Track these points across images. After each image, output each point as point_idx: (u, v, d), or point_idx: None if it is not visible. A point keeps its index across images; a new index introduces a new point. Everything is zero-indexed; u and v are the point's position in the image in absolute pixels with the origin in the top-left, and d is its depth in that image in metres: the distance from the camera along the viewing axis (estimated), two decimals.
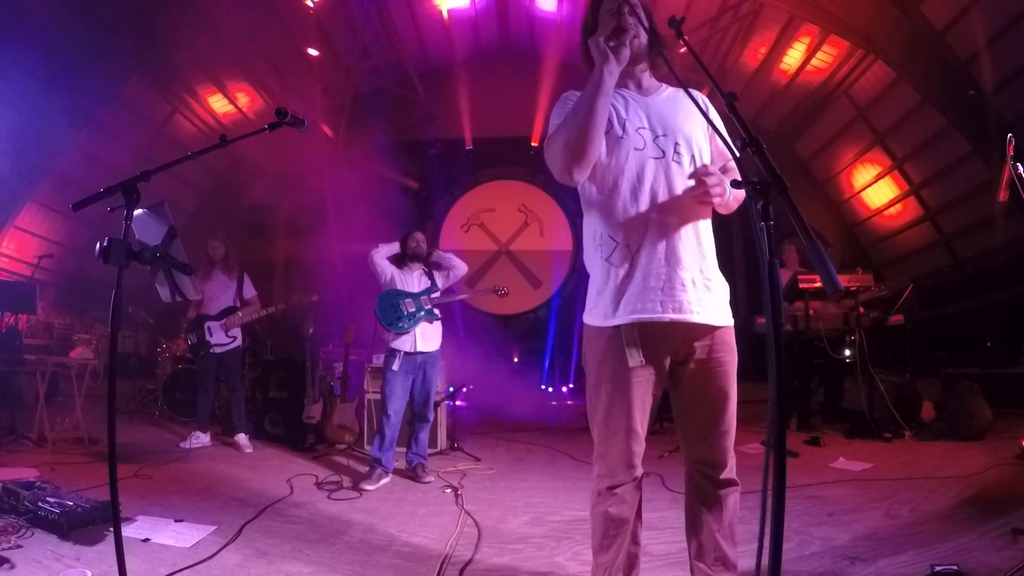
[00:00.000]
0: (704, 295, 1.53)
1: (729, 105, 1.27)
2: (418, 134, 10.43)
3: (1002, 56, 6.50)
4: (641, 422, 1.55)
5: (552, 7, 9.23)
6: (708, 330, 1.54)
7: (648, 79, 1.67)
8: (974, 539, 2.36)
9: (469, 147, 10.28)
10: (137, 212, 1.65)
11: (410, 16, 9.16)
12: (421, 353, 3.94)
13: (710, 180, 1.43)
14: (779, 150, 9.61)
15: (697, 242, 1.55)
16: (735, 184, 1.26)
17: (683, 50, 1.49)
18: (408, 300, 3.98)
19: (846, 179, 9.65)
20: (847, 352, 5.20)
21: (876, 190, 9.26)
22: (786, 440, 1.14)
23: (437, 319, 4.08)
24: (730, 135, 1.46)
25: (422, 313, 3.97)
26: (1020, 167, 2.26)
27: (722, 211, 1.60)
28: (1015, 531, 2.33)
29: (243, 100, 9.69)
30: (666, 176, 1.54)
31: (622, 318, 1.53)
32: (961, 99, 7.07)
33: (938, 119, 7.54)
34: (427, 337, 3.99)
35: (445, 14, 9.06)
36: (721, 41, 8.87)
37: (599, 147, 1.51)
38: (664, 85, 1.69)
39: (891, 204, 9.12)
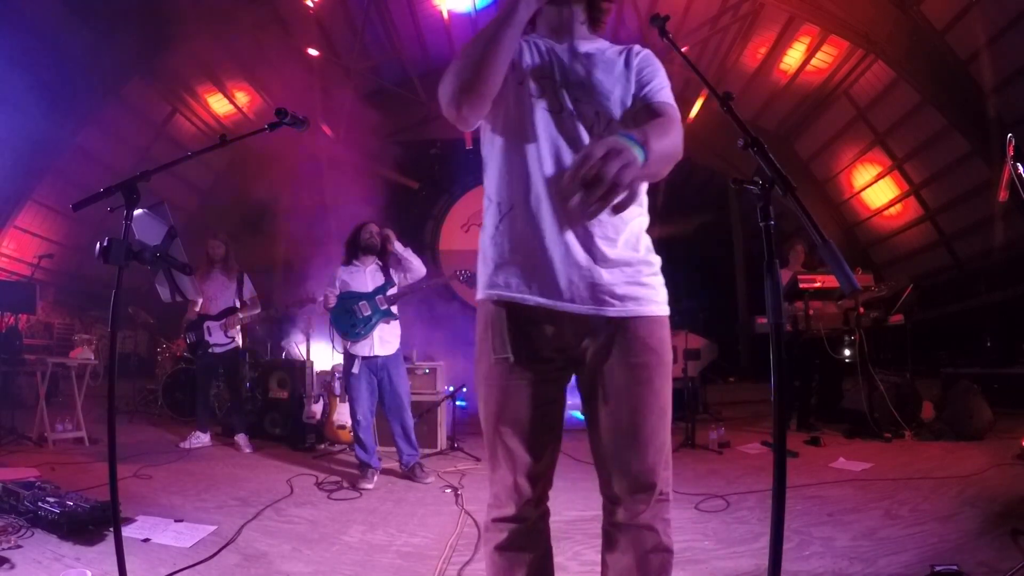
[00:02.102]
0: (603, 275, 1.19)
1: (724, 105, 1.23)
2: (418, 134, 10.42)
3: (1002, 56, 6.50)
4: (525, 439, 1.26)
5: None
6: (604, 323, 1.21)
7: (582, 33, 1.36)
8: (974, 539, 2.35)
9: (469, 147, 10.26)
10: (137, 212, 1.65)
11: (410, 16, 9.15)
12: (380, 357, 3.74)
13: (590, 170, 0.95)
14: (779, 150, 9.59)
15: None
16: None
17: (685, 48, 1.45)
18: (362, 303, 3.74)
19: (846, 179, 9.66)
20: (847, 352, 5.20)
21: (876, 190, 9.27)
22: (786, 440, 1.12)
23: (395, 319, 3.82)
24: None
25: (377, 316, 3.73)
26: (1020, 167, 2.26)
27: (650, 179, 1.24)
28: (1015, 531, 2.32)
29: (243, 100, 9.70)
30: (560, 130, 1.24)
31: (484, 292, 1.28)
32: (961, 99, 7.07)
33: (938, 119, 7.55)
34: (384, 340, 3.76)
35: (445, 14, 9.05)
36: (721, 41, 8.86)
37: (496, 81, 1.22)
38: (597, 39, 1.38)
39: (891, 204, 9.13)
